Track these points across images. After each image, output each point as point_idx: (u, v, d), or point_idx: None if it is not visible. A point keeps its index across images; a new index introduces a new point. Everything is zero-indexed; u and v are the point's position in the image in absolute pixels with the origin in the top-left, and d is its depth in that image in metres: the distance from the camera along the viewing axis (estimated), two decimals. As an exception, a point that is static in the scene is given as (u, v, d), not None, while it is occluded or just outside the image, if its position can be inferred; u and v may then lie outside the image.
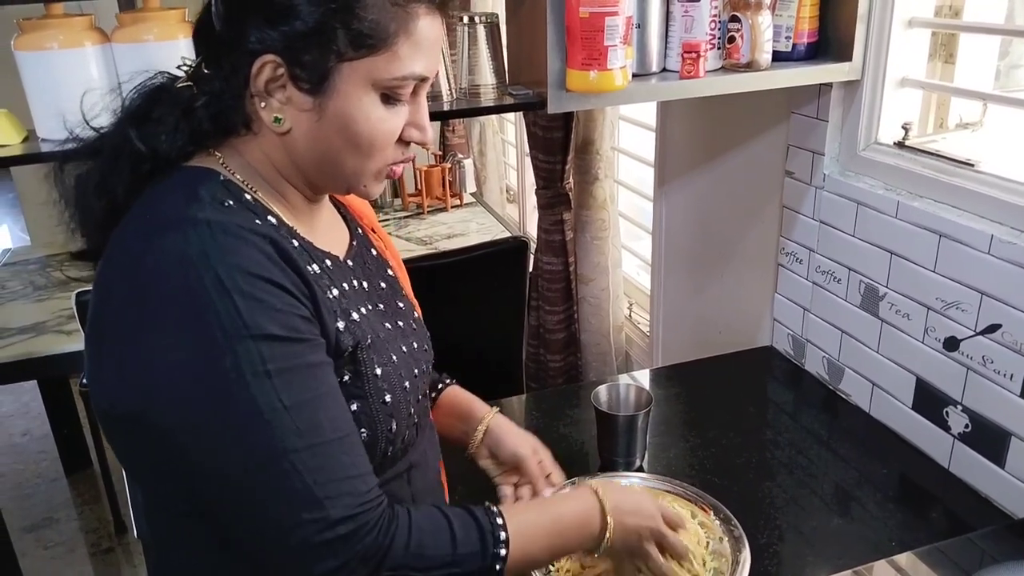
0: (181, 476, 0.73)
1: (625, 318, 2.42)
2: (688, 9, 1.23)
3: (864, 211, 1.31)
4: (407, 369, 0.86)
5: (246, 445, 0.68)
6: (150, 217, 0.72)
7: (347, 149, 0.77)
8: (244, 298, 0.68)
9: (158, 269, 0.68)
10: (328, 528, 0.69)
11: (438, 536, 0.77)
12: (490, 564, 0.78)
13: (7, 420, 3.34)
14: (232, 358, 0.67)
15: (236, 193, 0.75)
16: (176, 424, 0.69)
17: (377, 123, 0.76)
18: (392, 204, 2.85)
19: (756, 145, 1.61)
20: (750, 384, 1.53)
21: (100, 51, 1.00)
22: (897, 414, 1.31)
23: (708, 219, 1.83)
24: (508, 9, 1.21)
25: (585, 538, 0.88)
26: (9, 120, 1.02)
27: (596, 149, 2.15)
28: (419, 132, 0.81)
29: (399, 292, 0.96)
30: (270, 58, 0.72)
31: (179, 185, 0.74)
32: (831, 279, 1.42)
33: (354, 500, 0.72)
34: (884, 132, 1.32)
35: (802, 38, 1.29)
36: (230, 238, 0.69)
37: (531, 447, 1.08)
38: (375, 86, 0.75)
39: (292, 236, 0.78)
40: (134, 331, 0.69)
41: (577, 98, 1.14)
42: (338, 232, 0.91)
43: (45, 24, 0.99)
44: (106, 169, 0.76)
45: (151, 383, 0.68)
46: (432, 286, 1.89)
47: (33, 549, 2.57)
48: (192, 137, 0.76)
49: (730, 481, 1.22)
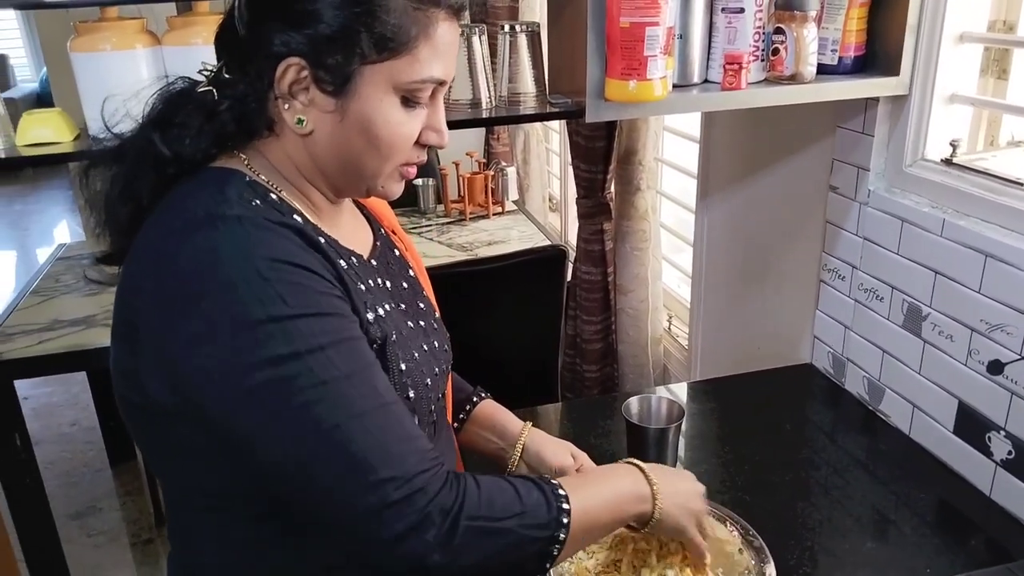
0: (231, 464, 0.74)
1: (664, 330, 2.40)
2: (732, 20, 1.22)
3: (909, 228, 1.29)
4: (428, 367, 0.87)
5: (314, 416, 0.69)
6: (179, 216, 0.74)
7: (367, 150, 0.78)
8: (284, 284, 0.70)
9: (194, 265, 0.70)
10: (405, 483, 0.71)
11: (503, 491, 0.78)
12: (556, 516, 0.78)
13: (58, 410, 3.44)
14: (285, 339, 0.69)
15: (261, 193, 0.77)
16: (237, 406, 0.70)
17: (396, 125, 0.78)
18: (435, 210, 2.87)
19: (801, 159, 1.58)
20: (788, 402, 1.50)
21: (151, 53, 1.03)
22: (938, 438, 1.28)
23: (750, 232, 1.81)
24: (550, 18, 1.22)
25: (637, 501, 0.88)
26: (62, 118, 1.06)
27: (639, 160, 2.14)
28: (436, 135, 0.82)
29: (420, 292, 0.98)
30: (294, 61, 0.74)
31: (206, 185, 0.76)
32: (873, 297, 1.39)
33: (422, 455, 0.73)
34: (931, 148, 1.29)
35: (849, 51, 1.27)
36: (262, 231, 0.71)
37: (570, 456, 1.09)
38: (395, 89, 0.76)
39: (318, 234, 0.79)
40: (173, 326, 0.70)
41: (615, 108, 1.14)
42: (362, 232, 0.93)
43: (99, 27, 1.03)
44: (130, 174, 0.79)
45: (200, 375, 0.70)
46: (469, 292, 1.90)
47: (77, 536, 2.65)
48: (216, 140, 0.78)
49: (762, 499, 1.20)
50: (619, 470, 0.91)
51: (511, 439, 1.09)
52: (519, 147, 3.20)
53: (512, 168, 2.83)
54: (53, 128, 1.04)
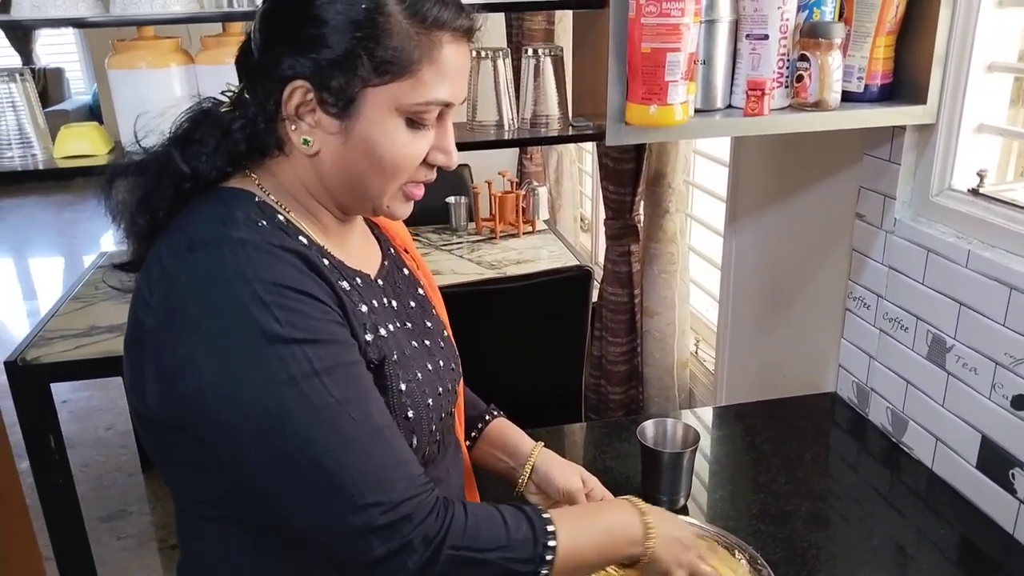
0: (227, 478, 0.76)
1: (691, 354, 2.39)
2: (756, 47, 1.22)
3: (934, 258, 1.27)
4: (431, 387, 0.88)
5: (305, 437, 0.71)
6: (187, 236, 0.76)
7: (371, 171, 0.80)
8: (282, 310, 0.72)
9: (196, 285, 0.72)
10: (391, 509, 0.72)
11: (492, 522, 0.79)
12: (541, 553, 0.79)
13: (95, 414, 3.52)
14: (280, 363, 0.71)
15: (269, 214, 0.79)
16: (231, 425, 0.72)
17: (401, 147, 0.79)
18: (466, 228, 2.89)
19: (828, 186, 1.57)
20: (810, 430, 1.49)
21: (184, 71, 1.07)
22: (960, 472, 1.25)
23: (778, 258, 1.80)
24: (575, 43, 1.23)
25: (628, 543, 0.87)
26: (98, 132, 1.10)
27: (668, 183, 2.15)
28: (444, 156, 0.83)
29: (428, 311, 0.99)
30: (300, 84, 0.76)
31: (216, 205, 0.79)
32: (898, 327, 1.37)
33: (412, 482, 0.75)
34: (958, 178, 1.27)
35: (875, 79, 1.26)
36: (263, 255, 0.73)
37: (580, 479, 1.08)
38: (399, 111, 0.78)
39: (323, 255, 0.81)
40: (173, 344, 0.73)
41: (636, 131, 1.15)
42: (370, 252, 0.95)
43: (136, 45, 1.07)
44: (150, 187, 0.81)
45: (196, 394, 0.72)
46: (494, 310, 1.91)
47: (107, 538, 2.70)
48: (230, 158, 0.81)
49: (775, 528, 1.19)
50: (616, 509, 0.90)
51: (521, 459, 1.09)
52: (552, 167, 3.22)
53: (544, 188, 2.85)
54: (89, 141, 1.08)
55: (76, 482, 2.22)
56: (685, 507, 1.24)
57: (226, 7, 1.05)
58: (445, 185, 3.07)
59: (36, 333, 2.13)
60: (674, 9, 1.08)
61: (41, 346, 2.05)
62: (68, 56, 7.72)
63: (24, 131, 1.07)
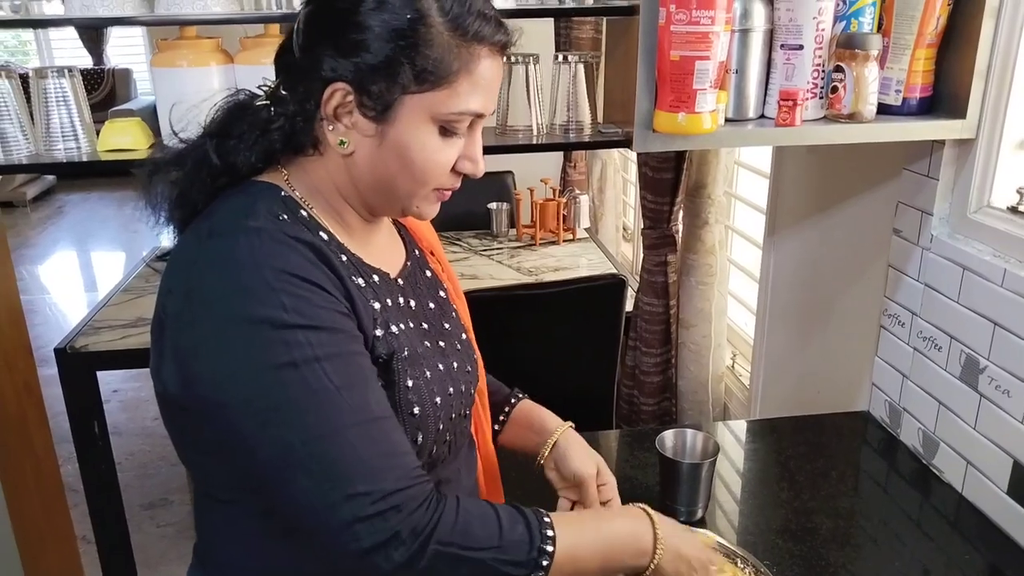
0: (231, 461, 0.79)
1: (727, 368, 2.36)
2: (790, 57, 1.21)
3: (969, 276, 1.24)
4: (440, 386, 0.89)
5: (302, 422, 0.73)
6: (209, 224, 0.79)
7: (402, 174, 0.82)
8: (289, 296, 0.74)
9: (210, 270, 0.75)
10: (381, 499, 0.73)
11: (485, 521, 0.79)
12: (536, 557, 0.79)
13: (143, 404, 3.63)
14: (283, 347, 0.73)
15: (293, 208, 0.81)
16: (234, 405, 0.74)
17: (432, 153, 0.81)
18: (507, 234, 2.91)
19: (868, 200, 1.55)
20: (839, 449, 1.46)
21: (223, 70, 1.11)
22: (991, 498, 1.22)
23: (816, 272, 1.77)
24: (607, 51, 1.24)
25: (634, 554, 0.87)
26: (140, 127, 1.15)
27: (708, 193, 2.13)
28: (471, 164, 0.85)
29: (448, 313, 1.00)
30: (340, 86, 0.78)
31: (241, 197, 0.81)
32: (932, 346, 1.34)
33: (404, 474, 0.76)
34: (997, 196, 1.24)
35: (914, 92, 1.24)
36: (277, 244, 0.75)
37: (595, 468, 1.09)
38: (434, 119, 0.80)
39: (341, 251, 0.83)
40: (187, 325, 0.75)
41: (663, 139, 1.15)
42: (394, 252, 0.96)
43: (178, 45, 1.12)
44: (187, 181, 0.84)
45: (206, 374, 0.75)
46: (526, 316, 1.92)
47: (147, 525, 2.78)
48: (264, 154, 0.83)
49: (794, 544, 1.17)
50: (625, 516, 0.90)
51: (546, 435, 1.10)
52: (596, 176, 3.22)
53: (585, 196, 2.85)
54: (132, 136, 1.12)
55: (121, 470, 2.30)
56: (703, 519, 1.22)
57: (264, 9, 1.09)
58: (488, 191, 3.09)
59: (86, 322, 2.21)
60: (704, 17, 1.07)
61: (89, 335, 2.13)
62: (136, 57, 7.99)
63: (73, 125, 1.12)
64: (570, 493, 1.10)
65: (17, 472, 1.85)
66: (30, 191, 7.04)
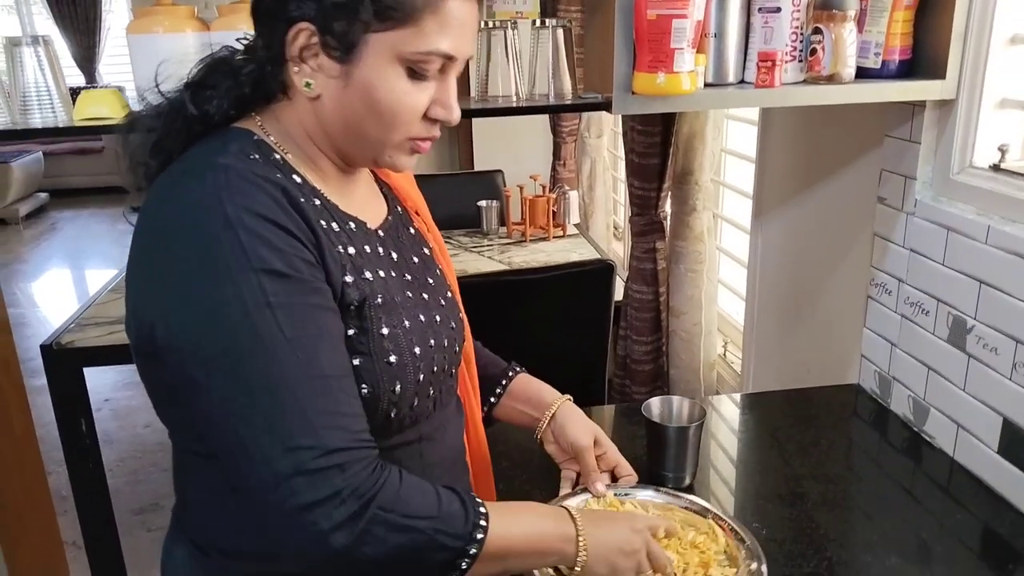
0: (186, 409, 0.77)
1: (719, 356, 2.35)
2: (768, 20, 1.21)
3: (954, 237, 1.23)
4: (420, 336, 0.88)
5: (247, 370, 0.71)
6: (181, 166, 0.79)
7: (370, 117, 0.80)
8: (249, 235, 0.72)
9: (175, 209, 0.74)
10: (323, 456, 0.71)
11: (424, 493, 0.79)
12: (471, 530, 0.78)
13: (135, 412, 3.61)
14: (235, 288, 0.71)
15: (265, 151, 0.81)
16: (183, 349, 0.73)
17: (400, 95, 0.79)
18: (497, 231, 2.91)
19: (852, 172, 1.54)
20: (828, 419, 1.44)
21: (199, 37, 1.11)
22: (982, 459, 1.21)
23: (803, 251, 1.77)
24: (585, 16, 1.24)
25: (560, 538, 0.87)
26: (115, 96, 1.15)
27: (695, 180, 2.13)
28: (444, 110, 0.83)
29: (432, 270, 0.99)
30: (304, 26, 0.78)
31: (214, 141, 0.81)
32: (919, 311, 1.33)
33: (349, 435, 0.74)
34: (980, 155, 1.24)
35: (893, 55, 1.24)
36: (243, 182, 0.74)
37: (592, 439, 1.10)
38: (400, 59, 0.78)
39: (315, 195, 0.82)
40: (153, 265, 0.75)
41: (642, 101, 1.14)
42: (374, 205, 0.95)
43: (154, 11, 1.12)
44: (164, 130, 0.83)
45: (163, 311, 0.74)
46: (514, 304, 1.91)
47: (137, 530, 2.75)
48: (236, 102, 0.83)
49: (782, 507, 1.15)
50: (546, 509, 0.90)
51: (543, 408, 1.11)
52: (585, 173, 3.22)
53: (575, 192, 2.85)
54: (107, 106, 1.12)
55: (111, 475, 2.28)
56: (691, 486, 1.21)
57: (240, -25, 1.10)
58: (478, 190, 3.10)
59: (74, 319, 2.20)
60: (680, -25, 1.08)
61: (76, 332, 2.11)
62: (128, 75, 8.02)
63: (51, 93, 1.11)
64: (571, 465, 1.11)
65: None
66: (23, 208, 7.05)
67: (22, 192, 7.06)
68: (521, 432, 1.17)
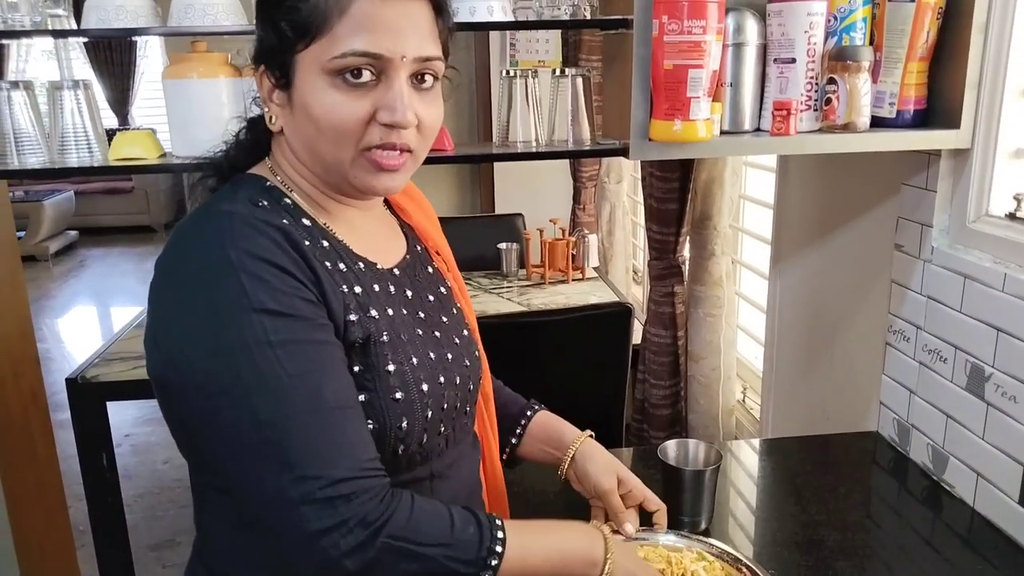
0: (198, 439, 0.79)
1: (738, 402, 2.34)
2: (783, 70, 1.24)
3: (971, 285, 1.24)
4: (429, 373, 0.89)
5: (252, 405, 0.73)
6: (195, 213, 0.83)
7: (318, 137, 0.82)
8: (250, 277, 0.75)
9: (184, 253, 0.78)
10: (330, 485, 0.73)
11: (438, 518, 0.79)
12: (485, 557, 0.79)
13: (154, 448, 3.63)
14: (237, 329, 0.74)
15: (276, 196, 0.85)
16: (190, 386, 0.76)
17: (332, 106, 0.80)
18: (517, 273, 2.93)
19: (869, 220, 1.55)
20: (846, 466, 1.43)
21: (231, 83, 1.15)
22: (1003, 510, 1.19)
23: (821, 298, 1.77)
24: (604, 64, 1.27)
25: (584, 564, 0.87)
26: (149, 138, 1.19)
27: (713, 225, 2.14)
28: (388, 113, 0.80)
29: (449, 309, 1.01)
30: (261, 68, 0.84)
31: (227, 188, 0.86)
32: (937, 358, 1.33)
33: (356, 464, 0.75)
34: (996, 204, 1.25)
35: (908, 105, 1.26)
36: (245, 227, 0.78)
37: (614, 479, 1.08)
38: (324, 71, 0.79)
39: (324, 237, 0.85)
40: (164, 305, 0.78)
41: (659, 147, 1.17)
42: (392, 244, 0.98)
43: (188, 58, 1.16)
44: (212, 183, 0.90)
45: (173, 349, 0.77)
46: (531, 344, 1.92)
47: (153, 566, 2.75)
48: (247, 149, 0.89)
49: (798, 555, 1.14)
50: (578, 528, 0.90)
51: (564, 448, 1.11)
52: (604, 218, 3.25)
53: (594, 236, 2.88)
54: (142, 147, 1.16)
55: (129, 511, 2.29)
56: (707, 531, 1.20)
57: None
58: (498, 233, 3.13)
59: (99, 354, 2.24)
60: (695, 27, 1.11)
61: (100, 366, 2.15)
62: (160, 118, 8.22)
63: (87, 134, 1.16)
64: (599, 503, 1.10)
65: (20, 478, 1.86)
66: (53, 245, 7.19)
67: (53, 230, 7.21)
68: (537, 473, 1.17)
